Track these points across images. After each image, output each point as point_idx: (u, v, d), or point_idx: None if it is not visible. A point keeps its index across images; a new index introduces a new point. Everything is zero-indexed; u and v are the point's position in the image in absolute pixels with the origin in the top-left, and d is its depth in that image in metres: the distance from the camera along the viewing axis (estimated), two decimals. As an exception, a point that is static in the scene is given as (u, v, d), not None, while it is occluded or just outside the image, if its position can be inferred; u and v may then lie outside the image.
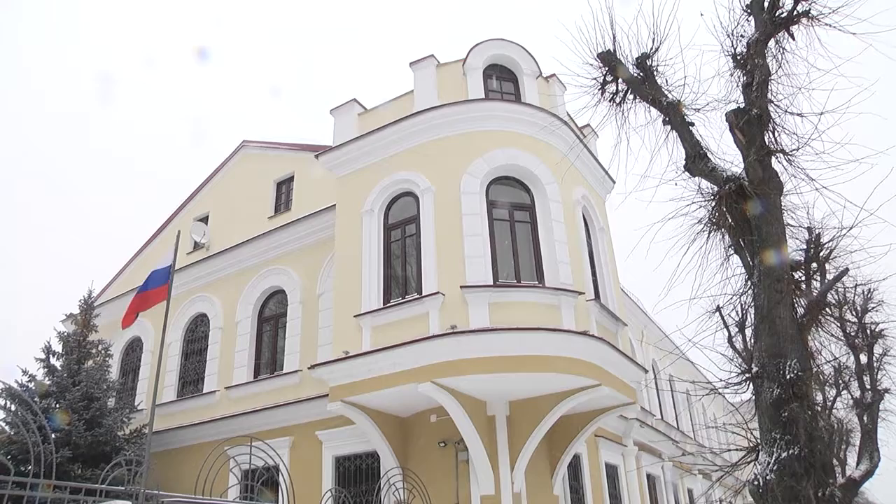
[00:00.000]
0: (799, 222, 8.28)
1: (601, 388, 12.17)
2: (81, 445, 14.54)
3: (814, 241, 8.53)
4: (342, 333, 13.10)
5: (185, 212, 21.86)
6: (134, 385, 19.98)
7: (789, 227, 7.55)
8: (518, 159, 13.54)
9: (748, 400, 8.68)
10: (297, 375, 15.64)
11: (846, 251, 8.36)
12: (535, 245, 13.06)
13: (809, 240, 8.56)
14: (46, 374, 16.28)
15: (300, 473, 12.78)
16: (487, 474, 12.38)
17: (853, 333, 12.55)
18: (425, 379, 11.50)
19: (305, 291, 16.59)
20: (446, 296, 12.03)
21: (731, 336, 9.15)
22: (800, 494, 6.22)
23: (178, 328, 19.09)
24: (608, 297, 14.14)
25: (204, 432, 16.06)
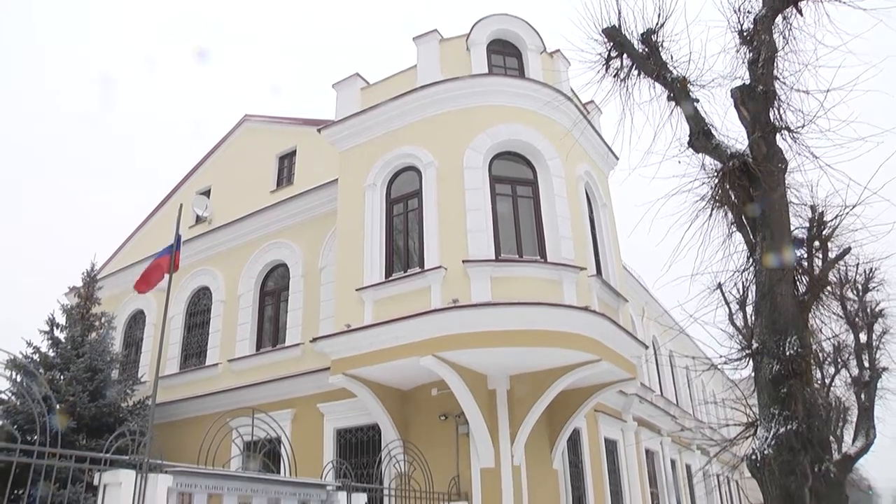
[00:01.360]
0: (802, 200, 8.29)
1: (601, 364, 12.24)
2: (85, 416, 14.67)
3: (816, 219, 8.54)
4: (344, 307, 13.16)
5: (187, 185, 21.85)
6: (137, 357, 20.09)
7: (792, 205, 7.55)
8: (521, 134, 13.51)
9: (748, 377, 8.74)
10: (299, 348, 15.73)
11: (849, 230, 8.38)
12: (538, 220, 13.07)
13: (812, 218, 8.58)
14: (50, 346, 16.39)
15: (302, 445, 12.88)
16: (487, 447, 12.49)
17: (853, 312, 12.60)
18: (427, 352, 11.57)
19: (307, 265, 16.63)
20: (448, 270, 12.06)
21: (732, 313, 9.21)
22: (796, 469, 6.29)
23: (181, 301, 19.16)
24: (610, 273, 14.17)
25: (206, 404, 16.18)
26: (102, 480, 7.38)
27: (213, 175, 21.18)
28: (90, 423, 14.72)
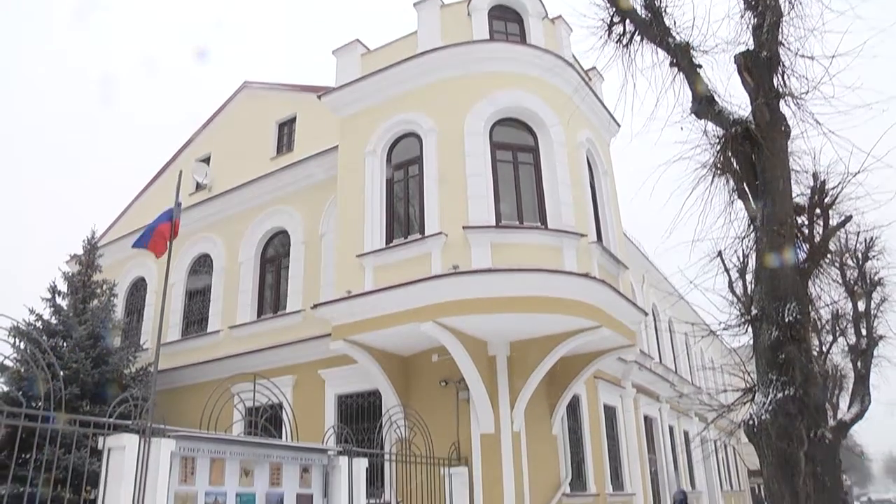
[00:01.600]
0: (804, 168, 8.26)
1: (601, 330, 12.30)
2: (88, 383, 14.79)
3: (818, 187, 8.52)
4: (345, 273, 13.19)
5: (187, 153, 21.77)
6: (139, 325, 20.19)
7: (794, 173, 7.53)
8: (522, 101, 13.43)
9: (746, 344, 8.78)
10: (300, 315, 15.80)
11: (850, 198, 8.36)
12: (539, 187, 13.05)
13: (814, 186, 8.56)
14: (53, 313, 16.45)
15: (303, 411, 12.99)
16: (487, 413, 12.61)
17: (852, 281, 12.61)
18: (427, 318, 11.62)
19: (308, 232, 16.64)
20: (449, 236, 12.07)
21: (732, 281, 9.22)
22: (793, 434, 6.37)
23: (182, 269, 19.19)
24: (610, 240, 14.18)
25: (208, 371, 16.29)
26: (106, 445, 7.47)
27: (213, 142, 21.10)
28: (93, 389, 14.84)
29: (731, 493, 32.16)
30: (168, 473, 7.75)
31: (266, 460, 9.25)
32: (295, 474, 9.66)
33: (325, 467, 10.12)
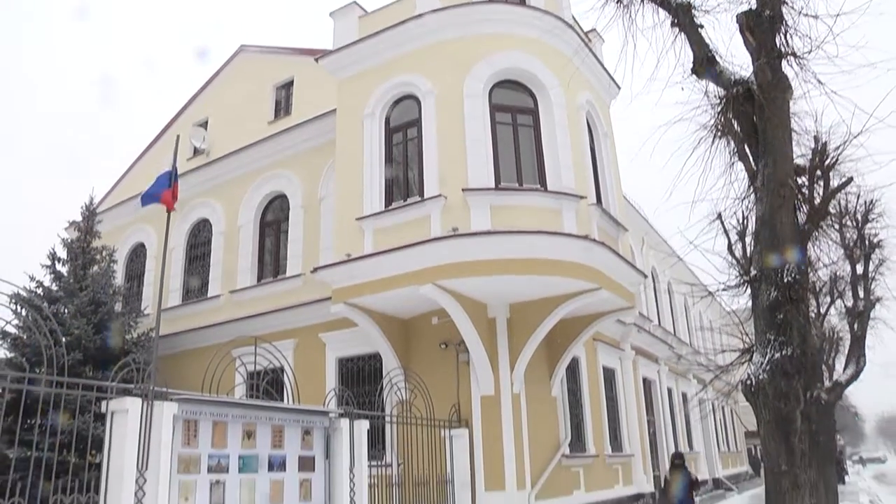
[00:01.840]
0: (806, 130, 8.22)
1: (600, 292, 12.34)
2: (91, 348, 14.86)
3: (819, 148, 8.49)
4: (344, 236, 13.19)
5: (184, 118, 21.61)
6: (139, 290, 20.25)
7: (795, 134, 7.49)
8: (521, 63, 13.30)
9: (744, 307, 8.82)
10: (300, 279, 15.84)
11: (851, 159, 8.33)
12: (538, 149, 12.98)
13: (815, 147, 8.53)
14: (53, 279, 16.47)
15: (304, 374, 13.08)
16: (487, 375, 12.70)
17: (851, 243, 12.60)
18: (427, 281, 11.64)
19: (307, 196, 16.61)
20: (448, 199, 12.04)
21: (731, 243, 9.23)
22: (789, 393, 6.42)
23: (181, 234, 19.19)
24: (610, 203, 14.15)
25: (209, 335, 16.35)
26: (109, 408, 7.53)
27: (210, 106, 20.93)
28: (96, 354, 14.92)
29: (727, 453, 32.58)
30: (171, 436, 7.83)
31: (268, 423, 9.34)
32: (296, 437, 9.76)
33: (327, 429, 10.22)
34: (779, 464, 6.40)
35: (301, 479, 9.68)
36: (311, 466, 9.90)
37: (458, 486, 12.39)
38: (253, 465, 9.02)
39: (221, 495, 8.48)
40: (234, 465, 8.73)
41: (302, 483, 9.69)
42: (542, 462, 13.48)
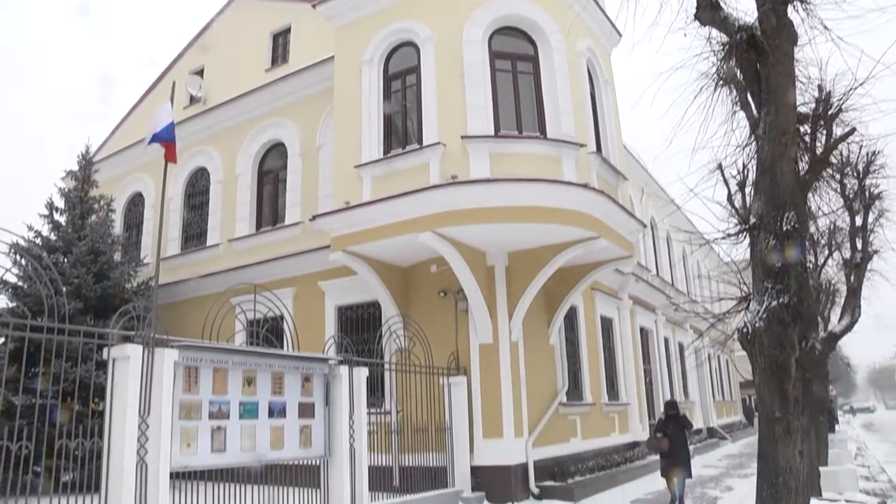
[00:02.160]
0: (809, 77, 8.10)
1: (599, 241, 12.34)
2: (91, 298, 14.92)
3: (823, 97, 8.38)
4: (342, 184, 13.13)
5: (180, 66, 21.33)
6: (138, 240, 20.26)
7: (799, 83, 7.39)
8: (521, 9, 13.07)
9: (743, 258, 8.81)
10: (299, 227, 15.84)
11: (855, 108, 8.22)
12: (538, 97, 12.83)
13: (819, 97, 8.42)
14: (51, 229, 16.46)
15: (303, 322, 13.16)
16: (486, 323, 12.78)
17: (851, 195, 12.56)
18: (425, 228, 11.63)
19: (305, 144, 16.51)
20: (447, 146, 11.95)
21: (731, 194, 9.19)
22: (785, 341, 6.46)
23: (179, 182, 19.11)
24: (610, 151, 14.05)
25: (208, 284, 16.41)
26: (111, 355, 7.60)
27: (206, 54, 20.62)
28: (96, 304, 14.99)
29: (722, 403, 33.03)
30: (172, 383, 7.91)
31: (268, 370, 9.43)
32: (296, 383, 9.87)
33: (326, 377, 10.33)
34: (772, 410, 6.47)
35: (301, 426, 9.82)
36: (311, 413, 10.03)
37: (456, 433, 12.55)
38: (253, 411, 9.14)
39: (223, 441, 8.61)
40: (234, 412, 8.84)
41: (302, 429, 9.83)
42: (540, 410, 13.66)
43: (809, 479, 6.62)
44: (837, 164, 10.25)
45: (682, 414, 12.07)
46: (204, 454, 8.34)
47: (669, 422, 11.86)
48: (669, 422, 11.86)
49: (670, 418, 11.90)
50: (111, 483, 7.21)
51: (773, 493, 6.33)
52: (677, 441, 11.61)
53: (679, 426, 11.78)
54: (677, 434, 11.68)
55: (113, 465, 7.24)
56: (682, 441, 11.73)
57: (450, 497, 11.93)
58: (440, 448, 12.34)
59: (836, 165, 10.11)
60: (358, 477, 10.20)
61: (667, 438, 11.59)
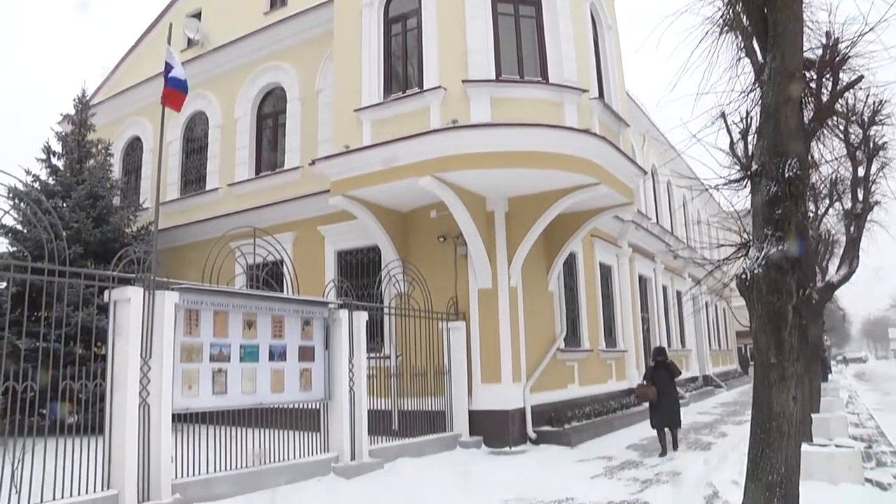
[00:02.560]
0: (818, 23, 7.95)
1: (600, 187, 12.29)
2: (91, 242, 14.93)
3: (831, 44, 8.25)
4: (342, 128, 13.01)
5: (176, 8, 20.91)
6: (137, 184, 20.20)
7: (807, 28, 7.26)
8: (525, -50, 12.75)
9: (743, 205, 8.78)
10: (299, 172, 15.77)
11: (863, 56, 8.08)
12: (540, 41, 12.62)
13: (826, 44, 8.28)
14: (49, 174, 16.39)
15: (303, 267, 13.16)
16: (485, 269, 12.81)
17: (855, 145, 12.44)
18: (425, 173, 11.56)
19: (304, 88, 16.33)
20: (448, 90, 11.81)
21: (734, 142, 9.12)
22: (783, 288, 6.48)
23: (177, 126, 18.95)
24: (612, 97, 13.89)
25: (208, 229, 16.40)
26: (112, 297, 7.63)
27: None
28: (96, 248, 15.01)
29: (718, 352, 33.36)
30: (173, 325, 7.97)
31: (268, 313, 9.49)
32: (297, 327, 9.95)
33: (326, 320, 10.40)
34: (768, 357, 6.52)
35: (301, 369, 9.93)
36: (311, 356, 10.13)
37: (454, 377, 12.70)
38: (254, 354, 9.23)
39: (224, 383, 8.72)
40: (235, 355, 8.93)
41: (302, 373, 9.94)
42: (538, 356, 13.79)
43: (802, 426, 6.73)
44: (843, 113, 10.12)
45: (670, 361, 12.06)
46: (205, 396, 8.46)
47: (658, 369, 11.83)
48: (658, 369, 11.83)
49: (659, 365, 11.87)
50: (114, 424, 7.32)
51: (766, 437, 6.43)
52: (665, 390, 11.62)
53: (668, 374, 11.76)
54: (666, 383, 11.67)
55: (116, 407, 7.35)
56: (670, 390, 11.76)
57: (448, 441, 12.13)
58: (439, 392, 12.50)
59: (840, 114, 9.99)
60: (357, 420, 10.34)
61: (654, 388, 11.60)
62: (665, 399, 11.61)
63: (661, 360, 11.89)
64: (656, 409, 11.71)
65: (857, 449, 8.92)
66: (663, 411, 11.63)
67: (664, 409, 11.62)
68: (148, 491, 7.41)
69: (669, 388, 11.74)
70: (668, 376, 11.74)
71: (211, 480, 8.22)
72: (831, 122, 9.25)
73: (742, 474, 6.83)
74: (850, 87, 8.43)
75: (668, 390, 11.70)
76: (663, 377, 11.70)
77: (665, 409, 11.63)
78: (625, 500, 8.21)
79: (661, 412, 11.64)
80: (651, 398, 11.66)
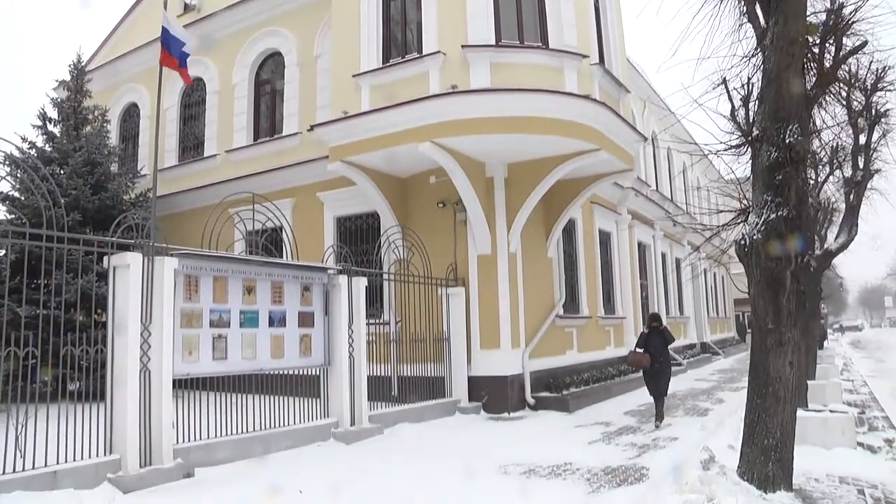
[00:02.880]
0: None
1: (600, 153, 12.22)
2: (90, 209, 14.89)
3: (835, 10, 8.16)
4: (341, 94, 12.91)
5: (172, -28, 20.61)
6: (135, 151, 20.10)
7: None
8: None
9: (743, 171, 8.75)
10: (297, 138, 15.69)
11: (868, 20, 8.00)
12: (540, 6, 12.45)
13: (830, 9, 8.20)
14: (46, 140, 16.30)
15: (303, 233, 13.15)
16: (484, 235, 12.80)
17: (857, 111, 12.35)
18: (425, 138, 11.49)
19: (302, 53, 16.17)
20: (447, 55, 11.69)
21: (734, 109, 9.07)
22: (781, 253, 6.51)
23: (174, 93, 18.81)
24: (612, 63, 13.76)
25: (207, 195, 16.33)
26: (111, 263, 7.62)
27: (200, -41, 19.90)
28: (95, 215, 14.97)
29: (716, 319, 33.52)
30: (173, 291, 7.97)
31: (267, 279, 9.50)
32: (296, 293, 9.96)
33: (326, 286, 10.42)
34: (766, 322, 6.57)
35: (301, 335, 9.97)
36: (311, 322, 10.16)
37: (453, 343, 12.76)
38: (254, 320, 9.25)
39: (224, 349, 8.75)
40: (235, 320, 8.95)
41: (302, 338, 9.98)
42: (537, 322, 13.85)
43: (797, 391, 6.79)
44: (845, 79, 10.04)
45: (664, 327, 11.76)
46: (205, 362, 8.49)
47: (652, 336, 11.50)
48: (652, 336, 11.50)
49: (653, 332, 11.54)
50: (116, 390, 7.36)
51: (762, 402, 6.51)
52: (658, 357, 11.32)
53: (662, 340, 11.44)
54: (660, 350, 11.35)
55: (117, 373, 7.38)
56: (664, 357, 11.44)
57: (447, 407, 12.22)
58: (438, 358, 12.57)
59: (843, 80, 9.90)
60: (357, 386, 10.40)
61: (648, 354, 11.29)
62: (658, 367, 11.35)
63: (656, 326, 11.62)
64: (649, 374, 11.47)
65: (851, 414, 9.02)
66: (656, 379, 11.41)
67: (656, 377, 11.40)
68: (150, 455, 7.48)
69: (663, 355, 11.43)
70: (662, 343, 11.41)
71: (212, 445, 8.29)
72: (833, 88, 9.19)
73: (738, 439, 6.93)
74: (854, 53, 8.37)
75: (662, 359, 11.39)
76: (656, 343, 11.37)
77: (656, 376, 11.39)
78: (622, 465, 8.29)
79: (653, 376, 11.41)
80: (644, 365, 11.40)
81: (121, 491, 6.80)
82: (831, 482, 7.09)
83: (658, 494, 6.09)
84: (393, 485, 7.41)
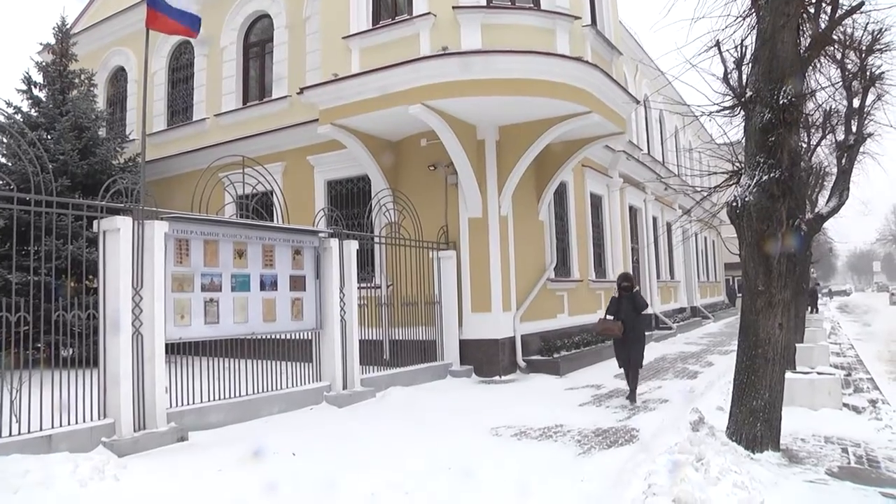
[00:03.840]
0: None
1: (591, 116, 12.15)
2: (78, 174, 14.75)
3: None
4: (330, 56, 12.76)
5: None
6: (123, 116, 19.89)
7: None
8: None
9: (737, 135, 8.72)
10: (287, 101, 15.54)
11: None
12: (532, -35, 12.30)
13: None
14: (31, 105, 16.07)
15: (293, 197, 13.12)
16: (475, 198, 12.77)
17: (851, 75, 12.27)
18: (415, 101, 11.39)
19: (291, 15, 15.94)
20: (437, 16, 11.54)
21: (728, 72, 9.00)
22: (773, 215, 6.52)
23: (162, 56, 18.57)
24: (605, 25, 13.62)
25: (196, 160, 16.20)
26: (101, 227, 7.56)
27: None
28: (83, 181, 14.83)
29: (707, 283, 33.70)
30: (163, 255, 7.94)
31: (258, 242, 9.47)
32: (287, 256, 9.94)
33: (317, 249, 10.40)
34: (756, 284, 6.61)
35: (292, 298, 9.97)
36: (302, 286, 10.16)
37: (445, 307, 12.80)
38: (245, 284, 9.24)
39: (216, 313, 8.74)
40: (226, 284, 8.94)
41: (293, 302, 9.98)
42: (528, 285, 13.88)
43: (786, 353, 6.86)
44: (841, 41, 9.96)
45: (636, 289, 10.38)
46: (198, 326, 8.49)
47: (623, 300, 10.10)
48: (623, 300, 10.10)
49: (624, 294, 10.12)
50: (108, 355, 7.35)
51: (751, 363, 6.57)
52: (630, 324, 10.01)
53: (633, 305, 10.05)
54: (631, 316, 10.02)
55: (109, 338, 7.37)
56: (637, 324, 10.12)
57: (439, 370, 12.30)
58: (429, 322, 12.61)
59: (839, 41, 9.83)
60: (349, 350, 10.44)
61: (620, 322, 9.97)
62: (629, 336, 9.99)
63: (627, 286, 10.16)
64: (619, 344, 10.21)
65: (838, 376, 9.14)
66: (626, 348, 10.08)
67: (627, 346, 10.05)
68: (144, 419, 7.51)
69: (636, 323, 10.09)
70: (634, 309, 10.03)
71: (205, 409, 8.33)
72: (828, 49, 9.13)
73: (727, 401, 7.01)
74: (851, 14, 8.28)
75: (633, 326, 10.04)
76: (627, 309, 10.01)
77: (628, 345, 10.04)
78: (612, 426, 8.38)
79: (624, 346, 10.11)
80: (616, 334, 10.05)
81: (115, 454, 6.82)
82: (817, 442, 7.22)
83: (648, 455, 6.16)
84: (385, 447, 7.47)
